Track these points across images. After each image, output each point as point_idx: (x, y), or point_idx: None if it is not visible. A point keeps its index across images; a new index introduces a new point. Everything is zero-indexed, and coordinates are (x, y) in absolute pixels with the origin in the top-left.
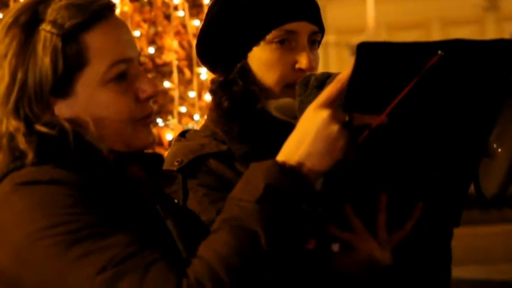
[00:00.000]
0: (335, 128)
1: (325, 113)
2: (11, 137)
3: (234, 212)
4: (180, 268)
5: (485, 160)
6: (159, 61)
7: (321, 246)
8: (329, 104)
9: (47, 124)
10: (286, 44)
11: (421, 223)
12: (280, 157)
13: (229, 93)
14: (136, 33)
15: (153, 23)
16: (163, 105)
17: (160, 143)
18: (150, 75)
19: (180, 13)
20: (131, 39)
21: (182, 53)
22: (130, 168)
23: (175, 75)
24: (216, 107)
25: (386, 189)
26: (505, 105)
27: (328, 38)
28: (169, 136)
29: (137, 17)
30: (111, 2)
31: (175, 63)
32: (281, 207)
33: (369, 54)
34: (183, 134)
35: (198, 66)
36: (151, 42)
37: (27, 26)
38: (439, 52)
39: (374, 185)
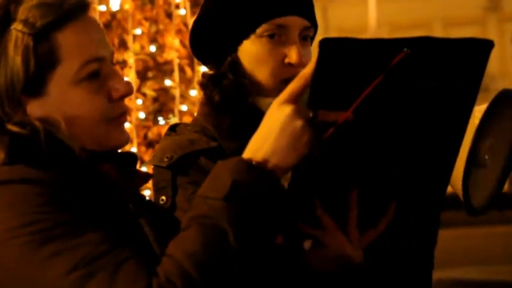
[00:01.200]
0: (299, 123)
1: (288, 109)
2: None
3: (202, 210)
4: (151, 267)
5: (476, 171)
6: (160, 59)
7: (290, 242)
8: (292, 99)
9: (18, 123)
10: (276, 38)
11: (396, 222)
12: (246, 154)
13: (219, 87)
14: (138, 31)
15: (154, 21)
16: (164, 104)
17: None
18: (151, 74)
19: (182, 11)
20: (104, 38)
21: (183, 52)
22: (104, 167)
23: (176, 73)
24: (207, 101)
25: (356, 186)
26: (498, 116)
27: None
28: None
29: (138, 15)
30: (84, 1)
31: (176, 61)
32: (248, 203)
33: (331, 50)
34: (173, 128)
35: (200, 64)
36: (153, 40)
37: None
38: (405, 49)
39: (342, 182)
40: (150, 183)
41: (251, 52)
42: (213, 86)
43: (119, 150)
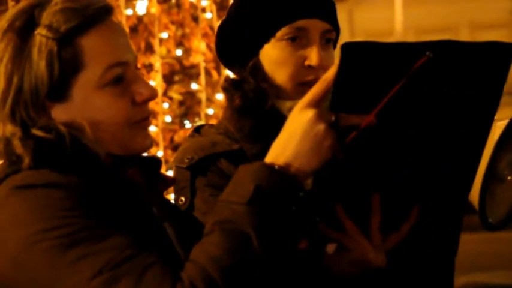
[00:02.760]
0: (321, 127)
1: (310, 113)
2: (7, 141)
3: (225, 215)
4: (176, 272)
5: (495, 186)
6: (186, 63)
7: (313, 246)
8: (314, 103)
9: (43, 128)
10: (297, 41)
11: (419, 226)
12: (268, 158)
13: (240, 91)
14: (164, 34)
15: (180, 24)
16: (190, 107)
17: None
18: (177, 77)
19: (208, 15)
20: (127, 43)
21: (210, 55)
22: (128, 172)
23: (202, 77)
24: (229, 104)
25: (379, 190)
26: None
27: None
28: None
29: (165, 19)
30: (107, 5)
31: (202, 65)
32: (271, 208)
33: (353, 54)
34: (198, 130)
35: (226, 68)
36: (179, 44)
37: (22, 30)
38: (427, 53)
39: (365, 186)
40: None
41: (272, 56)
42: (234, 90)
43: (144, 155)
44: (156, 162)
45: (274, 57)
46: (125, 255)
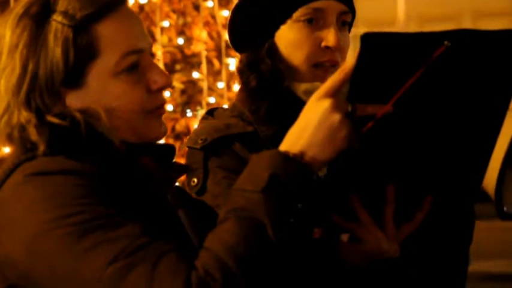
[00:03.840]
0: (337, 117)
1: (327, 103)
2: (22, 128)
3: (239, 203)
4: (190, 259)
5: (511, 174)
6: (188, 52)
7: (328, 235)
8: (331, 93)
9: (59, 115)
10: (313, 22)
11: (431, 216)
12: (283, 147)
13: (256, 72)
14: (166, 23)
15: (182, 13)
16: (192, 96)
17: (188, 133)
18: (178, 66)
19: (209, 3)
20: (142, 30)
21: (211, 44)
22: (142, 159)
23: (204, 65)
24: (244, 86)
25: (394, 180)
26: None
27: (359, 30)
28: None
29: (166, 8)
30: None
31: (204, 53)
32: (285, 196)
33: (373, 45)
34: (211, 112)
35: (227, 56)
36: (180, 32)
37: (38, 16)
38: (446, 42)
39: (380, 176)
40: None
41: (288, 37)
42: (249, 72)
43: (158, 142)
44: (170, 149)
45: (290, 38)
46: (140, 243)
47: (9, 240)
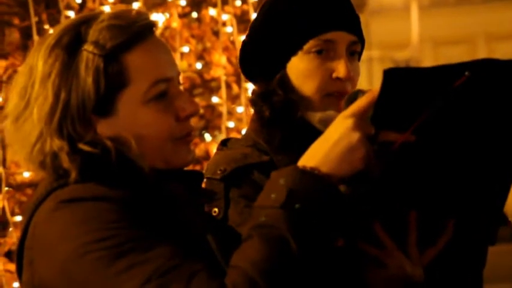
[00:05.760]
0: (356, 135)
1: (350, 121)
2: (55, 155)
3: (261, 219)
4: (220, 279)
5: None
6: (207, 76)
7: (351, 245)
8: (357, 114)
9: (90, 143)
10: (324, 53)
11: (454, 240)
12: (301, 162)
13: (269, 103)
14: (185, 48)
15: (201, 38)
16: (211, 121)
17: (208, 157)
18: (198, 91)
19: (228, 29)
20: (171, 59)
21: (230, 69)
22: (171, 185)
23: (223, 90)
24: (257, 116)
25: (416, 205)
26: None
27: (373, 53)
28: None
29: (186, 33)
30: (151, 22)
31: (223, 78)
32: (305, 209)
33: (394, 79)
34: (224, 143)
35: (246, 81)
36: (200, 57)
37: (69, 46)
38: (466, 73)
39: (403, 202)
40: None
41: (299, 68)
42: (262, 102)
43: (186, 168)
44: (198, 176)
45: (301, 69)
46: (172, 264)
47: (43, 265)
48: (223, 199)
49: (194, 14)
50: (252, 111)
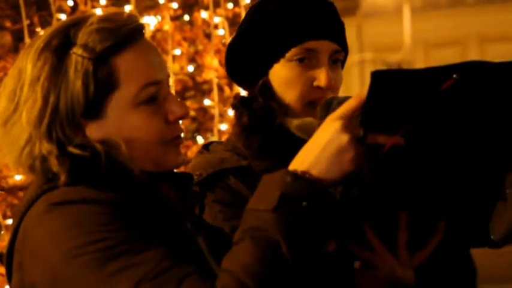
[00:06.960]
0: (346, 137)
1: (338, 123)
2: (44, 159)
3: (253, 223)
4: (211, 282)
5: (499, 204)
6: (199, 79)
7: (342, 249)
8: (346, 116)
9: (79, 146)
10: (305, 62)
11: (444, 242)
12: (292, 165)
13: (249, 109)
14: (177, 51)
15: (193, 41)
16: (203, 123)
17: None
18: (189, 94)
19: (220, 31)
20: (161, 61)
21: (222, 71)
22: (161, 188)
23: (215, 93)
24: (237, 121)
25: (407, 207)
26: None
27: (365, 55)
28: None
29: (178, 36)
30: (141, 25)
31: (215, 81)
32: (296, 213)
33: (381, 81)
34: (207, 146)
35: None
36: (192, 60)
37: (58, 49)
38: (454, 76)
39: (393, 204)
40: None
41: (281, 75)
42: (242, 108)
43: (175, 170)
44: (187, 177)
45: (283, 77)
46: (163, 267)
47: (33, 268)
48: (197, 204)
49: (186, 17)
50: None
